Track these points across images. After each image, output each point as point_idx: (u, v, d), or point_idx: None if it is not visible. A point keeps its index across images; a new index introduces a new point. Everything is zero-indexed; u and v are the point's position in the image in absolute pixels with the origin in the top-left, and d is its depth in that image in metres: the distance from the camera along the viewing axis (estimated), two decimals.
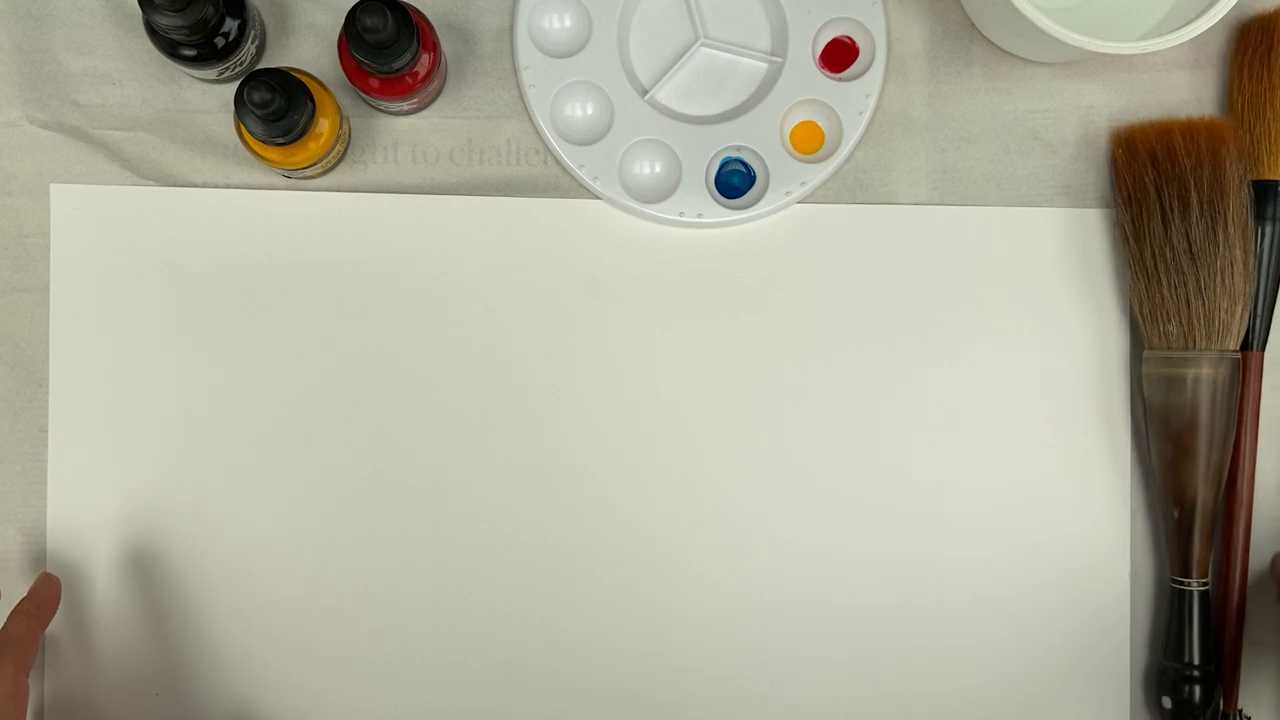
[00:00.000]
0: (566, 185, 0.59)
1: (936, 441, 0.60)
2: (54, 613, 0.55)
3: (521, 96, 0.59)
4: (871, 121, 0.60)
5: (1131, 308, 0.60)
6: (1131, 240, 0.58)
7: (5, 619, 0.53)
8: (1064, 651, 0.60)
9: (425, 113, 0.59)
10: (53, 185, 0.58)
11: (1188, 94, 0.61)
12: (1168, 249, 0.57)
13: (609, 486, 0.59)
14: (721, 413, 0.59)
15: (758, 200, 0.59)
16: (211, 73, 0.56)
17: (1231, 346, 0.57)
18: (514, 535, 0.59)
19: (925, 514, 0.60)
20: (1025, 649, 0.60)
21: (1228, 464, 0.58)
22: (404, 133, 0.59)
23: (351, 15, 0.50)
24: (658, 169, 0.59)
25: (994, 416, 0.60)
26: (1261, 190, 0.58)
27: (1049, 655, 0.60)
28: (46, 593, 0.55)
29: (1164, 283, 0.57)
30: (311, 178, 0.58)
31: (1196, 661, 0.58)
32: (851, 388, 0.60)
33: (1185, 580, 0.58)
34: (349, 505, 0.59)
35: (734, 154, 0.59)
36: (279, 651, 0.58)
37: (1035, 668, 0.60)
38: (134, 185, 0.58)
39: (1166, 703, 0.58)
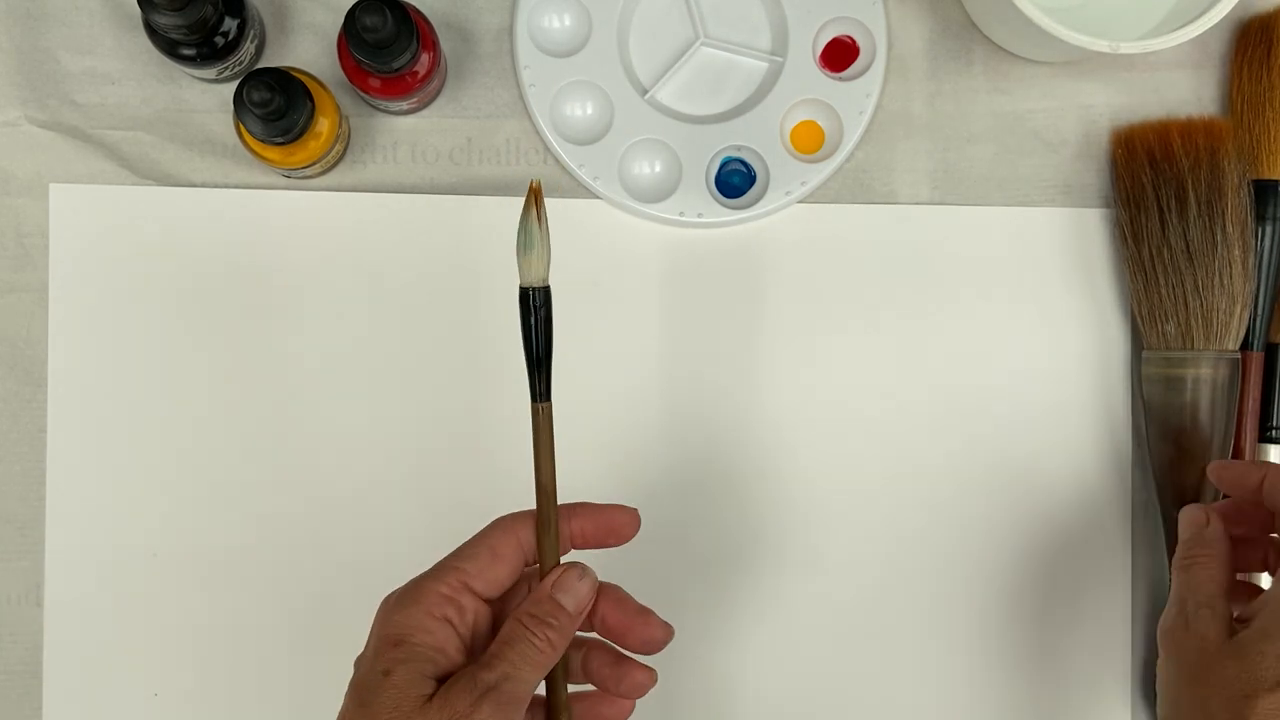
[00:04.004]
0: (566, 185, 0.59)
1: (936, 441, 0.60)
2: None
3: (521, 96, 0.59)
4: (872, 121, 0.60)
5: (1131, 308, 0.60)
6: (1130, 240, 0.58)
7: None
8: (1064, 650, 0.60)
9: (425, 112, 0.59)
10: (52, 185, 0.58)
11: (1188, 94, 0.61)
12: (1165, 249, 0.57)
13: (609, 484, 0.59)
14: (722, 411, 0.59)
15: (758, 200, 0.59)
16: (211, 72, 0.56)
17: (1230, 347, 0.57)
18: None
19: (924, 513, 0.60)
20: (1025, 648, 0.60)
21: None
22: (404, 132, 0.59)
23: (351, 14, 0.50)
24: (658, 169, 0.59)
25: (993, 416, 0.60)
26: (1261, 190, 0.58)
27: (1049, 655, 0.60)
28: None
29: (1162, 283, 0.57)
30: (311, 177, 0.58)
31: None
32: (851, 387, 0.60)
33: None
34: (349, 502, 0.59)
35: (734, 154, 0.59)
36: (281, 650, 0.58)
37: (1036, 666, 0.60)
38: (133, 185, 0.58)
39: None
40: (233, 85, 0.52)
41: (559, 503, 0.44)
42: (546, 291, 0.43)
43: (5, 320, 0.58)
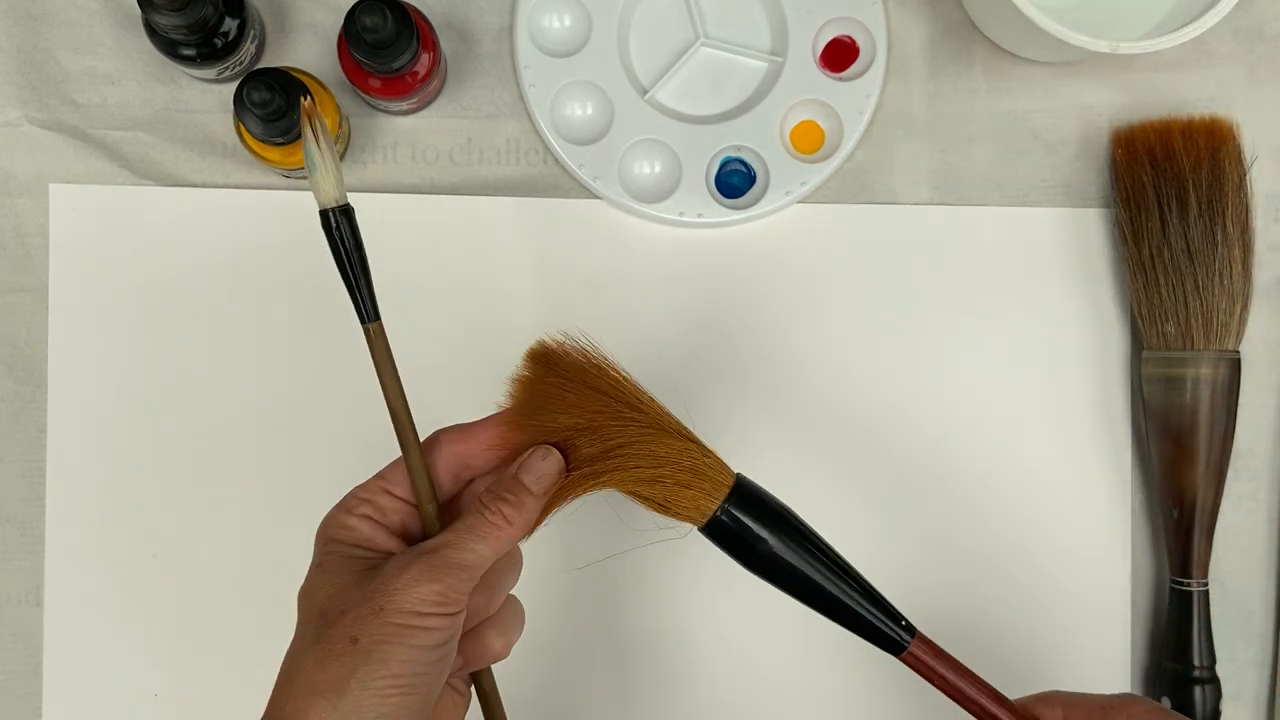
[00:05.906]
0: (566, 185, 0.59)
1: (936, 441, 0.60)
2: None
3: (521, 96, 0.59)
4: (871, 121, 0.60)
5: (1131, 308, 0.60)
6: (1130, 240, 0.58)
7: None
8: (1064, 652, 0.60)
9: (425, 112, 0.59)
10: (52, 185, 0.58)
11: (1188, 94, 0.61)
12: (1165, 249, 0.57)
13: None
14: (721, 411, 0.59)
15: (758, 200, 0.59)
16: (211, 72, 0.56)
17: (1230, 346, 0.57)
18: None
19: (924, 514, 0.60)
20: (1025, 649, 0.60)
21: (1228, 464, 0.58)
22: (404, 132, 0.59)
23: (351, 15, 0.50)
24: (658, 169, 0.59)
25: (993, 417, 0.60)
26: None
27: (1049, 656, 0.60)
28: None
29: (1162, 283, 0.57)
30: None
31: (1197, 662, 0.58)
32: (850, 387, 0.60)
33: (1185, 580, 0.58)
34: None
35: (734, 154, 0.59)
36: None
37: (1035, 668, 0.60)
38: (133, 185, 0.58)
39: (1166, 703, 0.58)
40: (233, 85, 0.52)
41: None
42: (346, 210, 0.43)
43: (5, 320, 0.58)
